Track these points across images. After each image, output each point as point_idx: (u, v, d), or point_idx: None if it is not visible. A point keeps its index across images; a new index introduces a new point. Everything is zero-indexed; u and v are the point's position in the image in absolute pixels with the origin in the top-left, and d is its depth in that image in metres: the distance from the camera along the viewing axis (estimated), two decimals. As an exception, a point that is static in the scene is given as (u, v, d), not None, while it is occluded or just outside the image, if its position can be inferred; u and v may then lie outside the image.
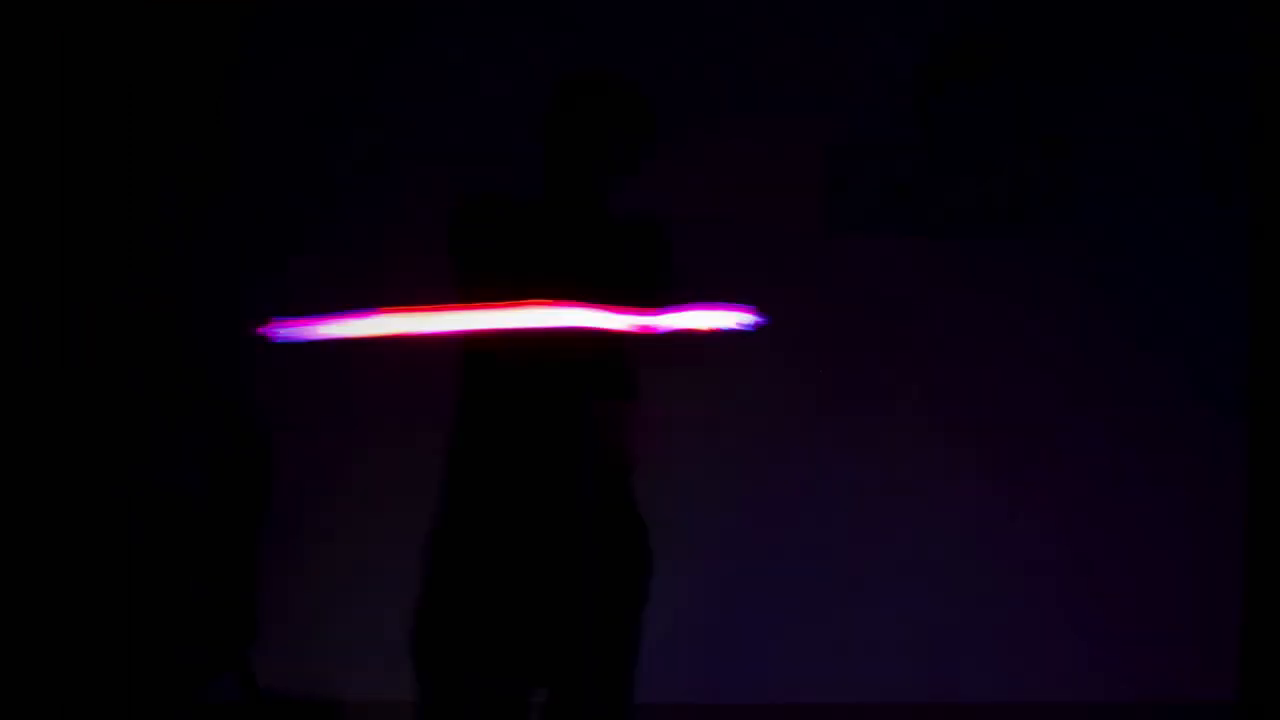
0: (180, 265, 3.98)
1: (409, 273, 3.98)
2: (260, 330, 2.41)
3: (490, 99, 3.92)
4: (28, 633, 3.52)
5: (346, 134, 3.97)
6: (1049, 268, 4.06)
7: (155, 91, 3.93)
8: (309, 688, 4.03)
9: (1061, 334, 4.08)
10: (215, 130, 3.96)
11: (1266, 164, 3.87)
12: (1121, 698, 4.08)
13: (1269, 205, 3.88)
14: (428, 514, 4.00)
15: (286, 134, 3.97)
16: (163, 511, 3.74)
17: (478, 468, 2.48)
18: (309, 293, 3.97)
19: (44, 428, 3.75)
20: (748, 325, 2.37)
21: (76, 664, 3.51)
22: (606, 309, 2.35)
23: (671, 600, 2.76)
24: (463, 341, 2.50)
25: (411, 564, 3.99)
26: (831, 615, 4.07)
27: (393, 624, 4.02)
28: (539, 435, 2.41)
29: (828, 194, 4.03)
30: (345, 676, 4.03)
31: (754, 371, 4.01)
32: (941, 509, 4.07)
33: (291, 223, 4.00)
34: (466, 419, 2.50)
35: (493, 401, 2.47)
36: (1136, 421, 4.08)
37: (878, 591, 4.07)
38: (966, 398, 4.08)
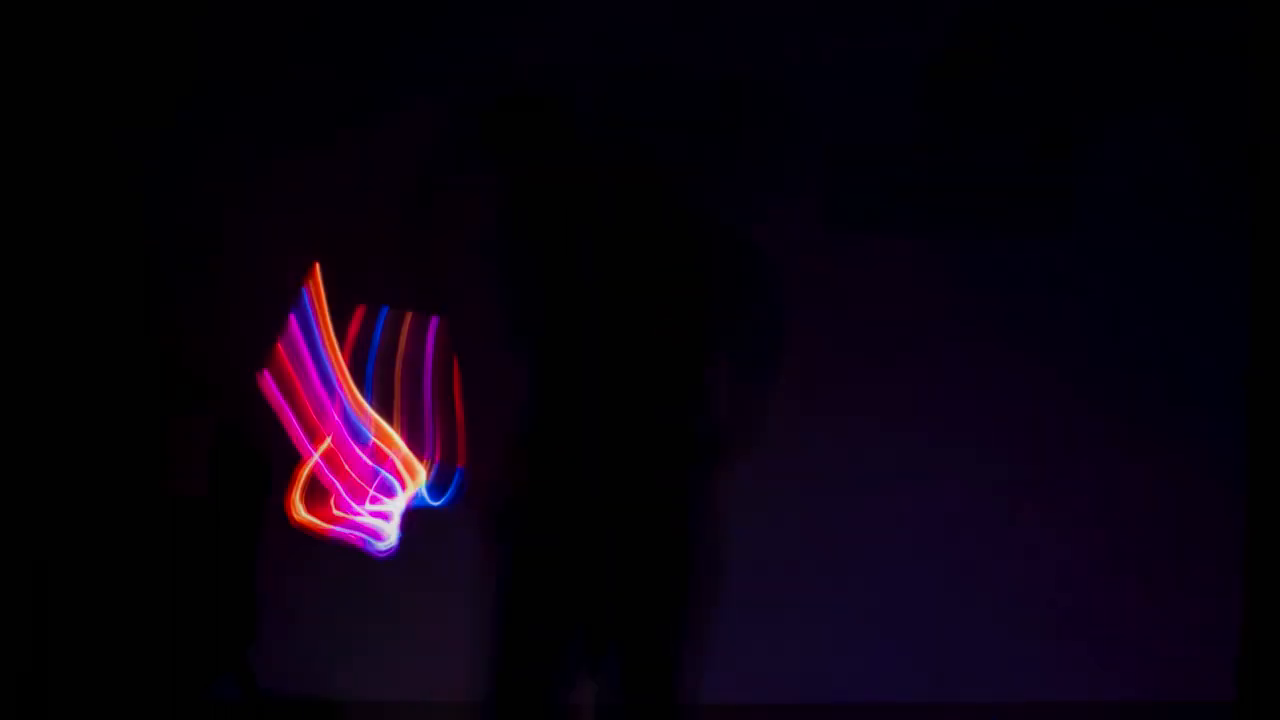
0: (181, 263, 3.98)
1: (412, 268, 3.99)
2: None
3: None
4: (29, 632, 3.52)
5: (350, 126, 3.97)
6: (1049, 267, 4.06)
7: (156, 88, 3.93)
8: (309, 688, 4.03)
9: (1062, 333, 4.08)
10: (216, 125, 3.96)
11: (1267, 164, 3.87)
12: (1121, 697, 4.08)
13: (1269, 206, 3.88)
14: (428, 513, 4.01)
15: (289, 131, 3.98)
16: (164, 511, 3.74)
17: (555, 448, 2.49)
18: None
19: (47, 428, 3.75)
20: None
21: (77, 663, 3.51)
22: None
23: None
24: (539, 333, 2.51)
25: (410, 564, 4.00)
26: (831, 615, 4.07)
27: (393, 624, 4.03)
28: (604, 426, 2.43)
29: (827, 194, 4.03)
30: (345, 676, 4.04)
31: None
32: (940, 509, 4.07)
33: (293, 219, 4.00)
34: (547, 403, 2.51)
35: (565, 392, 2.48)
36: (1135, 420, 4.08)
37: (876, 591, 4.07)
38: (966, 397, 4.08)
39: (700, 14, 3.94)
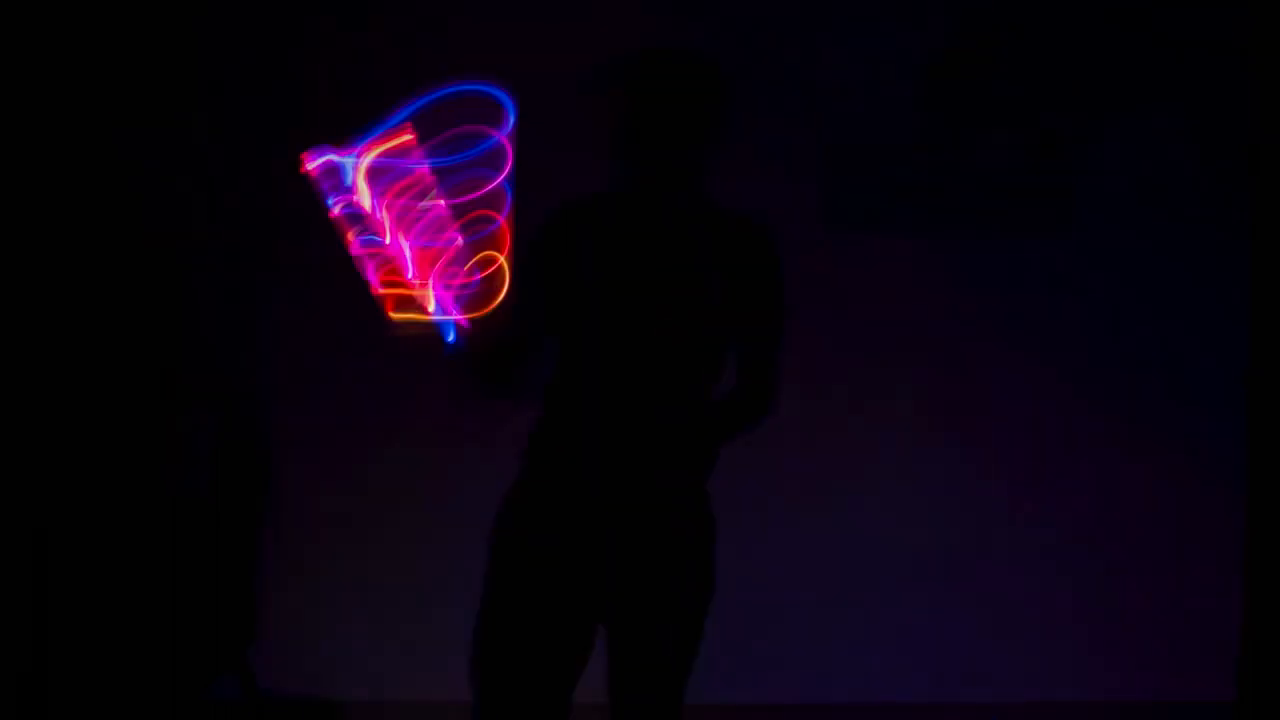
0: (181, 263, 3.98)
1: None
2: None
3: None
4: (30, 632, 3.52)
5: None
6: (1049, 267, 4.06)
7: (157, 84, 3.93)
8: (309, 688, 4.03)
9: (1062, 333, 4.08)
10: (219, 122, 3.96)
11: (1266, 164, 3.87)
12: (1122, 697, 4.08)
13: (1269, 206, 3.88)
14: (428, 513, 4.02)
15: (289, 131, 3.97)
16: (164, 511, 3.74)
17: (556, 448, 2.49)
18: (311, 289, 3.99)
19: (47, 428, 3.75)
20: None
21: (78, 664, 3.51)
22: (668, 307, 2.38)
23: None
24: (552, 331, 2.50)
25: (409, 564, 4.01)
26: (831, 615, 4.07)
27: (393, 624, 4.03)
28: (619, 424, 2.43)
29: (828, 194, 4.03)
30: (345, 676, 4.04)
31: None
32: (940, 509, 4.07)
33: (294, 219, 4.00)
34: (551, 404, 2.51)
35: (577, 389, 2.48)
36: (1135, 420, 4.08)
37: (876, 591, 4.07)
38: (966, 397, 4.08)
39: (699, 14, 3.94)
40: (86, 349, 3.85)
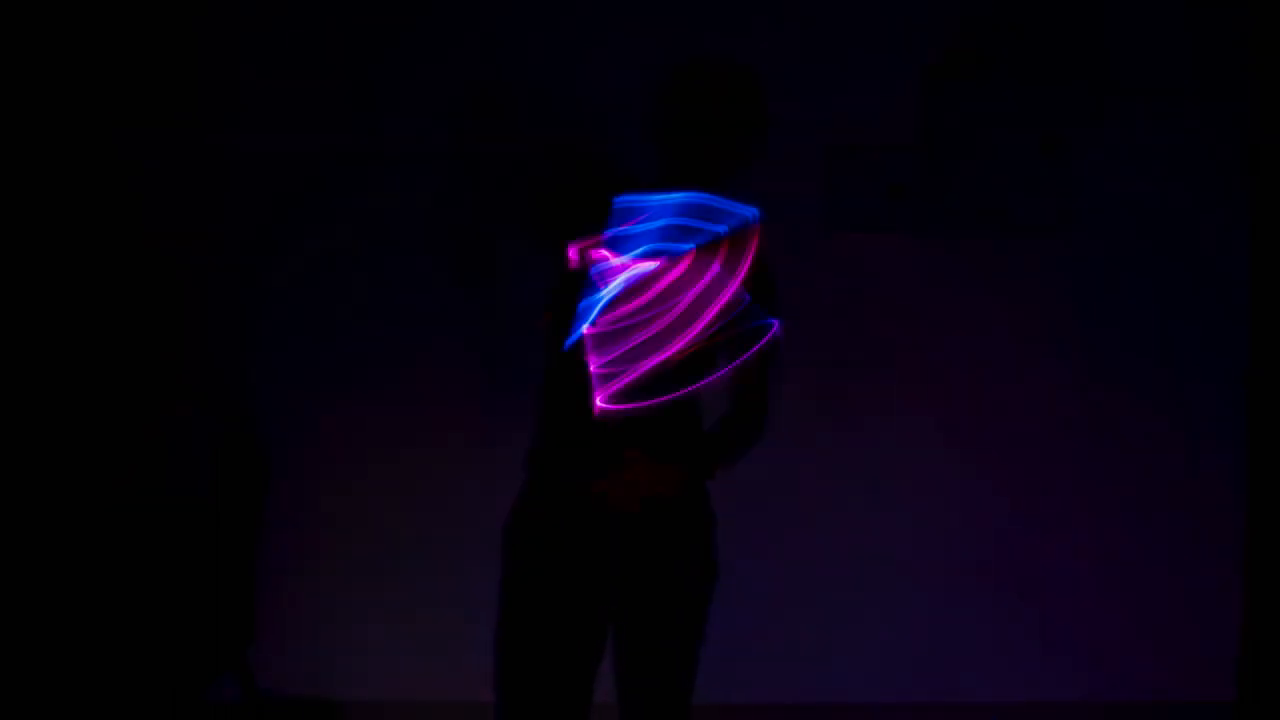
0: (180, 263, 3.98)
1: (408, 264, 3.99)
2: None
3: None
4: (29, 633, 3.52)
5: (351, 126, 3.97)
6: (1048, 268, 4.06)
7: (157, 84, 3.93)
8: (309, 688, 4.03)
9: (1062, 333, 4.08)
10: (220, 128, 3.96)
11: (1267, 164, 3.88)
12: (1122, 697, 4.08)
13: (1269, 206, 3.89)
14: (427, 513, 4.02)
15: (294, 129, 3.97)
16: (164, 511, 3.74)
17: (555, 460, 2.51)
18: (311, 290, 4.00)
19: (47, 428, 3.75)
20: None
21: (78, 664, 3.51)
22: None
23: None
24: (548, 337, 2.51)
25: (409, 564, 4.01)
26: (832, 614, 4.07)
27: (393, 624, 4.03)
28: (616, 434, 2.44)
29: (827, 194, 4.03)
30: (345, 676, 4.04)
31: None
32: (941, 510, 4.07)
33: (295, 220, 4.00)
34: (547, 417, 2.52)
35: (572, 401, 2.49)
36: (1136, 420, 4.08)
37: (876, 591, 4.07)
38: (966, 398, 4.08)
39: (698, 12, 3.94)
40: (86, 349, 3.85)
